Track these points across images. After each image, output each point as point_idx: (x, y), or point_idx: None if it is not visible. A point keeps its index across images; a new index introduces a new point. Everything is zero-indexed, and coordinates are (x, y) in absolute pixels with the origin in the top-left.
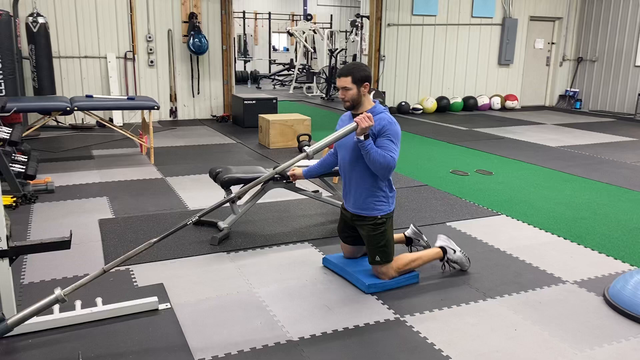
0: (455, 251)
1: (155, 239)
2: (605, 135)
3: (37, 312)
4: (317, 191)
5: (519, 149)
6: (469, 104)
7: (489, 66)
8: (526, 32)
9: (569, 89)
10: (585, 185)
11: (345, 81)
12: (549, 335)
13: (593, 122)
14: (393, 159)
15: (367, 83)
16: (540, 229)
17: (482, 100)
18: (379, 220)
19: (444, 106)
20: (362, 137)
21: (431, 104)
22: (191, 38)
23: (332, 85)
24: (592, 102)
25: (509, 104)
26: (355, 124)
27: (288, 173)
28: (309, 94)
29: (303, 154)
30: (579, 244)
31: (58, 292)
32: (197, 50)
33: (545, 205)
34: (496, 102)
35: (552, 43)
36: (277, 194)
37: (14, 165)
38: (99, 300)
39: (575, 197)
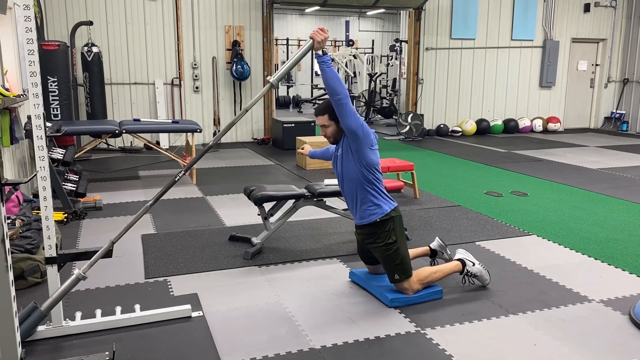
0: (474, 264)
1: (151, 201)
2: None
3: (64, 294)
4: (348, 209)
5: (558, 171)
6: (510, 126)
7: (530, 88)
8: (568, 54)
9: (614, 111)
10: (623, 206)
11: (322, 119)
12: (569, 351)
13: (639, 144)
14: (347, 97)
15: None
16: (571, 250)
17: (523, 123)
18: (389, 240)
19: (483, 129)
20: (320, 52)
21: (470, 127)
22: (234, 65)
23: (372, 109)
24: (639, 124)
25: (551, 126)
26: (311, 40)
27: (300, 150)
28: None
29: (268, 85)
30: (609, 264)
31: (77, 271)
32: (240, 77)
33: (578, 226)
34: (538, 125)
35: (596, 65)
36: (310, 213)
37: (66, 183)
38: (137, 307)
39: (611, 218)
